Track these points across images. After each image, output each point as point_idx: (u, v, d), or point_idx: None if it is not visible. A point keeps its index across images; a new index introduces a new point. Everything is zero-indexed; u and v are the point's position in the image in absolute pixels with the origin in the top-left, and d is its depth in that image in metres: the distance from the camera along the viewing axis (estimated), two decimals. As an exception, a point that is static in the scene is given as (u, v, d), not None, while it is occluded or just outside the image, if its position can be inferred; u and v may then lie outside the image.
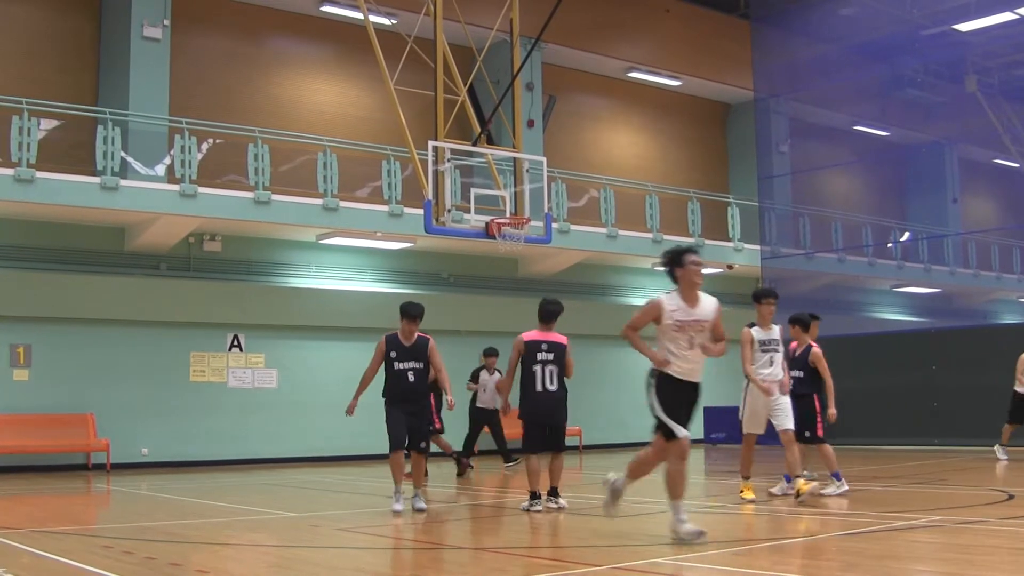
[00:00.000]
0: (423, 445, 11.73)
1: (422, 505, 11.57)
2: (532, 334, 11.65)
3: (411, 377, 11.64)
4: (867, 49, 29.48)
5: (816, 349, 12.89)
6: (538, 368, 11.41)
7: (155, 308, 21.90)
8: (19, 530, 10.47)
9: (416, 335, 11.71)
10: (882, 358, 23.87)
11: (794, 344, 12.99)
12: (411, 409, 11.57)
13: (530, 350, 11.48)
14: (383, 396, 11.66)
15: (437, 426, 17.80)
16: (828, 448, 12.63)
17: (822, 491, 12.18)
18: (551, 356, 11.45)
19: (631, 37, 30.23)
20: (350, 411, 12.06)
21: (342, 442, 23.17)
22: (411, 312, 11.65)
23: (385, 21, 20.64)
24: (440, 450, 18.38)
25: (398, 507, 11.30)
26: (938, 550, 8.41)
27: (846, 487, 12.62)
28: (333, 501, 14.88)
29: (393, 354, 11.63)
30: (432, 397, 17.51)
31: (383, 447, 11.71)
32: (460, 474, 18.09)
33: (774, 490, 12.66)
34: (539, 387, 11.39)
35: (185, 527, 10.89)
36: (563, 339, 11.64)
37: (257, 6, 25.23)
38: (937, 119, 33.13)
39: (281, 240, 23.66)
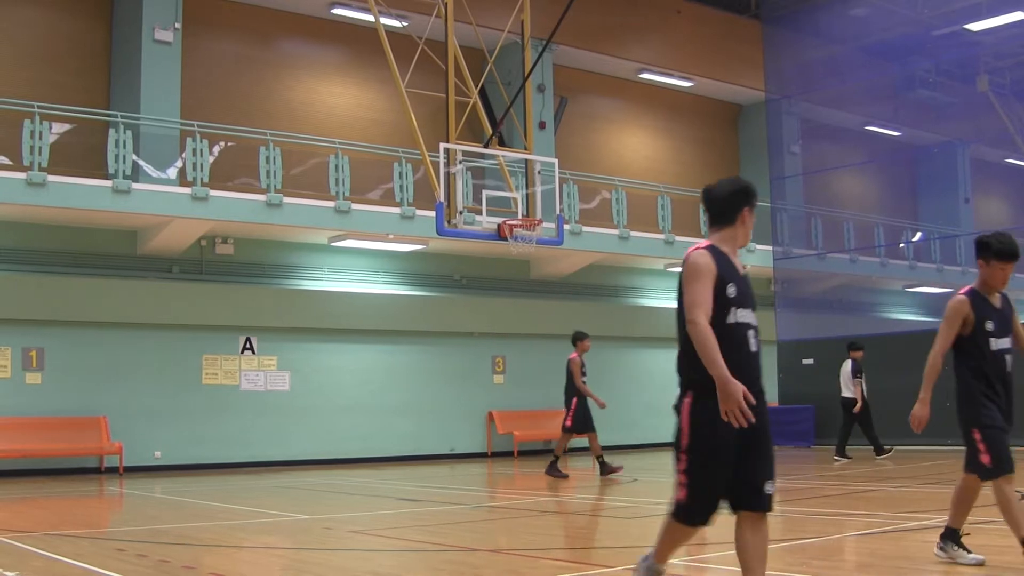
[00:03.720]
0: (768, 489, 5.44)
1: None
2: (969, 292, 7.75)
3: (753, 341, 5.65)
4: (878, 49, 29.44)
5: None
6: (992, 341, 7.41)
7: (167, 311, 21.95)
8: (32, 533, 10.50)
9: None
10: (894, 358, 23.74)
11: None
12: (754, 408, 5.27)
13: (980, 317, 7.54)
14: (685, 383, 5.50)
15: (568, 424, 17.76)
16: None
17: None
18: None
19: (642, 38, 30.22)
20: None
21: (354, 444, 23.19)
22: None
23: (396, 23, 20.65)
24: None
25: None
26: (952, 551, 8.38)
27: None
28: (346, 503, 14.89)
29: (731, 290, 5.68)
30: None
31: (395, 449, 11.48)
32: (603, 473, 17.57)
33: None
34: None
35: (198, 530, 10.91)
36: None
37: (268, 9, 25.27)
38: (949, 119, 33.07)
39: (293, 243, 23.69)
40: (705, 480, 5.36)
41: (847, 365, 20.20)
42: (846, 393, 20.15)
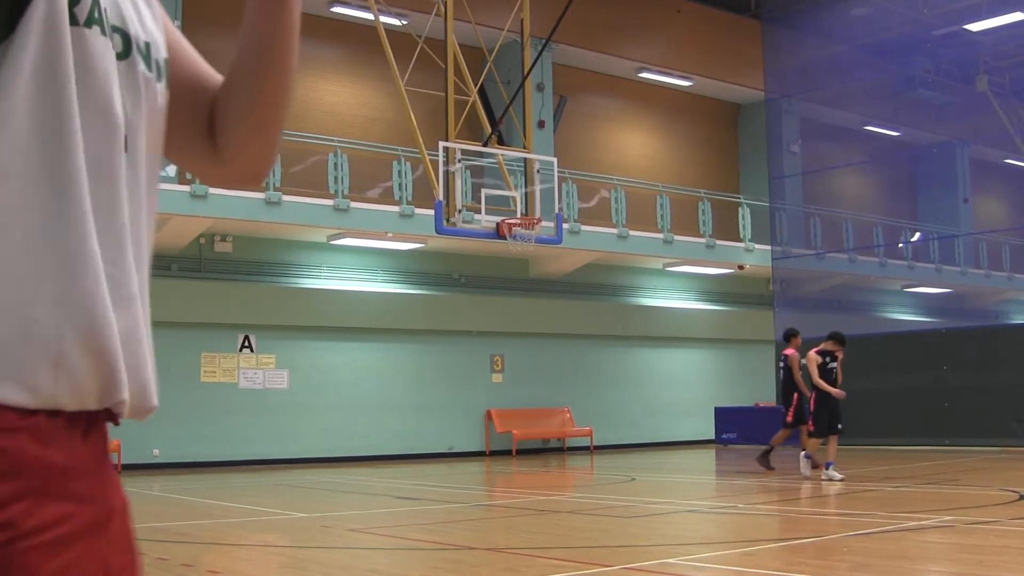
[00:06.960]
0: None
1: None
2: None
3: None
4: (878, 49, 29.46)
5: None
6: None
7: (166, 309, 21.89)
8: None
9: None
10: (893, 358, 23.81)
11: None
12: None
13: None
14: None
15: (789, 419, 17.20)
16: None
17: None
18: None
19: (642, 37, 30.22)
20: None
21: (353, 443, 23.18)
22: None
23: (396, 22, 20.66)
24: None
25: None
26: (949, 550, 8.40)
27: None
28: (344, 502, 14.90)
29: None
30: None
31: (393, 447, 11.52)
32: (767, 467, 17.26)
33: None
34: None
35: (197, 528, 10.91)
36: None
37: (268, 7, 25.23)
38: (948, 119, 33.09)
39: (292, 241, 23.69)
40: None
41: None
42: None
